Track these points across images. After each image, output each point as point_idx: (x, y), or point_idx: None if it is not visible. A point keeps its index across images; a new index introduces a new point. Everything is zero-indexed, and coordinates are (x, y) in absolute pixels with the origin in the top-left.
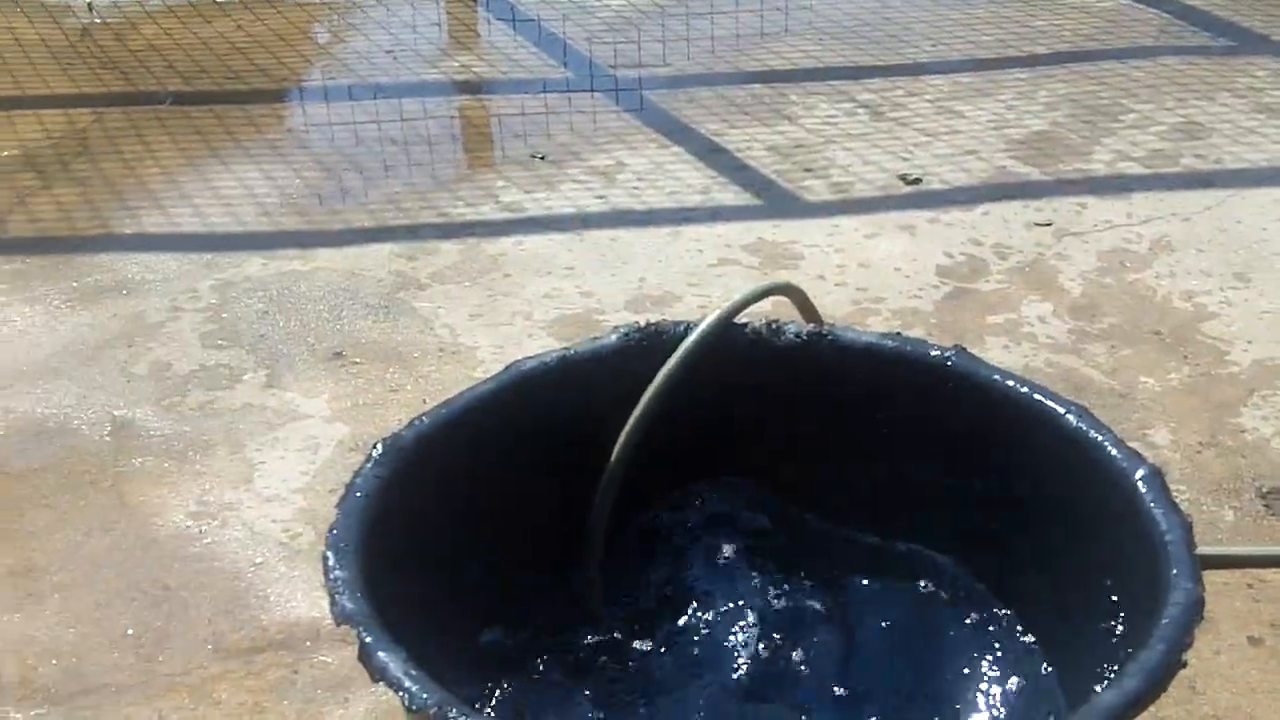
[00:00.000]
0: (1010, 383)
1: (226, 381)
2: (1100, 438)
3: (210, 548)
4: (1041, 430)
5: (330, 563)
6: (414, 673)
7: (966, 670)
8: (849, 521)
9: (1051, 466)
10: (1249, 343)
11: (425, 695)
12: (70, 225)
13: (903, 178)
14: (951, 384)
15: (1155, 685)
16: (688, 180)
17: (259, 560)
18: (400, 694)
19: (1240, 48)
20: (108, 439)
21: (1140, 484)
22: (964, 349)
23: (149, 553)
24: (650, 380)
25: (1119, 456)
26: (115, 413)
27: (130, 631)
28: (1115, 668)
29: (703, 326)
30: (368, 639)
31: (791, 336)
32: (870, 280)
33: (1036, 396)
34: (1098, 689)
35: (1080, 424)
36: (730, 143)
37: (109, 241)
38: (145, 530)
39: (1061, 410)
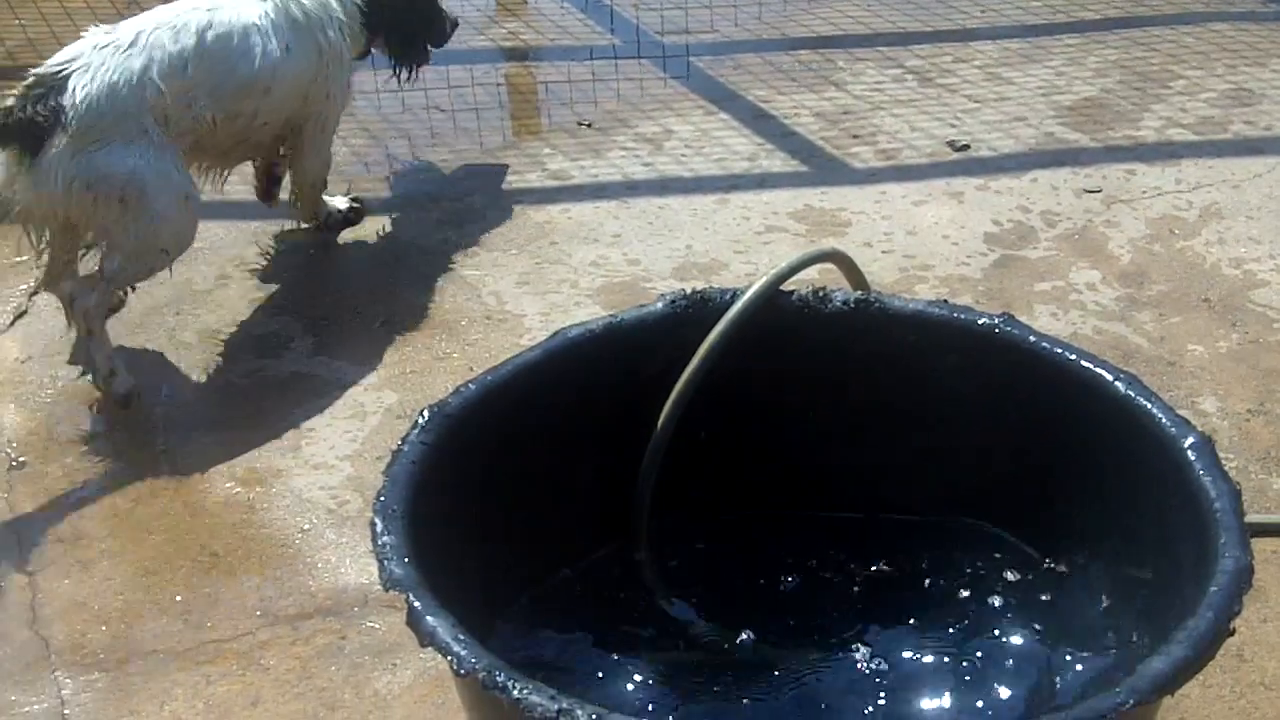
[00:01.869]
0: (1059, 350)
1: (275, 349)
2: (1150, 406)
3: (258, 514)
4: (1091, 398)
5: (379, 528)
6: (462, 637)
7: (1019, 639)
8: (896, 497)
9: (1101, 434)
10: None
11: (474, 660)
12: None
13: (951, 144)
14: (1000, 351)
15: (1203, 652)
16: (735, 147)
17: (307, 527)
18: (449, 658)
19: None
20: (157, 408)
21: (1190, 452)
22: (1012, 316)
23: (197, 519)
24: (697, 346)
25: (1169, 424)
26: (163, 380)
27: (178, 598)
28: (1165, 634)
29: (751, 292)
30: (416, 604)
31: (839, 304)
32: (918, 247)
33: (1086, 364)
34: (1148, 656)
35: (1130, 391)
36: (777, 109)
37: None
38: (194, 497)
39: (1111, 378)
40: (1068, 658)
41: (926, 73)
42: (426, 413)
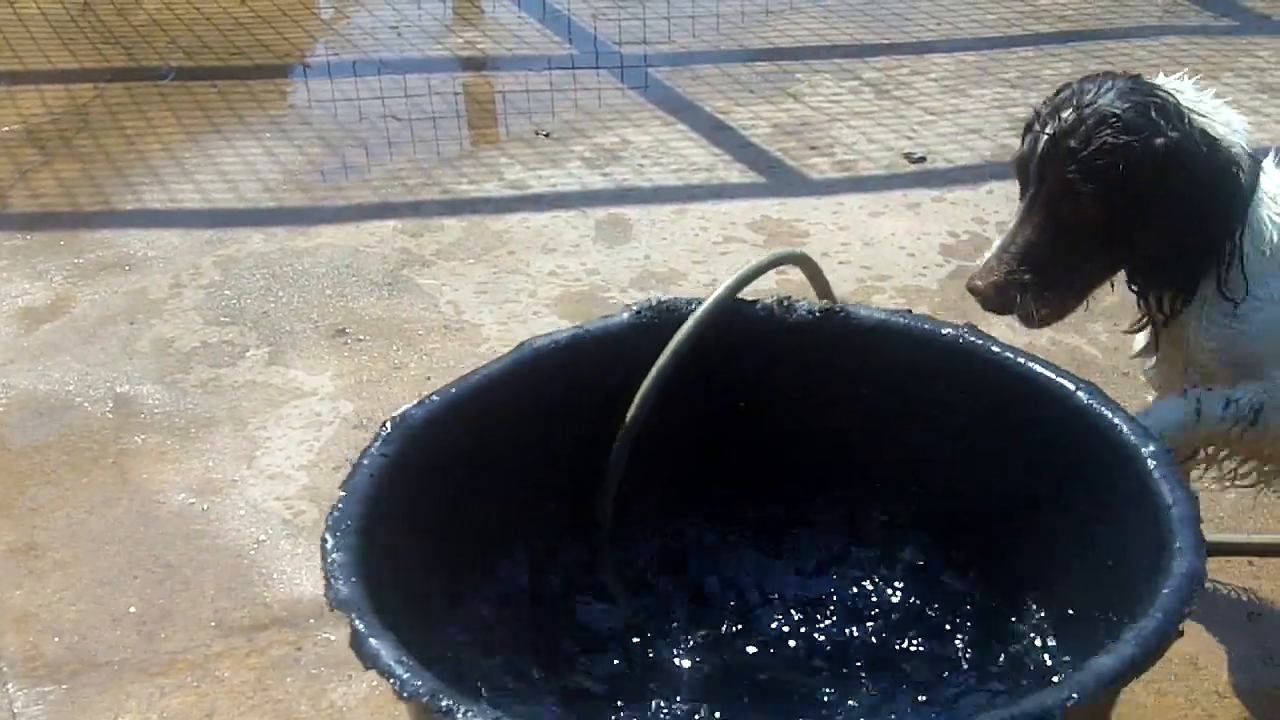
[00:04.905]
0: (1021, 360)
1: (229, 358)
2: (1111, 415)
3: (213, 525)
4: (1053, 406)
5: (328, 545)
6: (405, 660)
7: (968, 638)
8: (857, 503)
9: (1062, 442)
10: None
11: (417, 683)
12: (72, 201)
13: (907, 156)
14: (963, 361)
15: (1150, 652)
16: (692, 158)
17: (262, 538)
18: (391, 681)
19: (1242, 27)
20: (110, 416)
21: (1150, 460)
22: (975, 326)
23: (151, 530)
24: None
25: (1130, 433)
26: (117, 389)
27: (133, 609)
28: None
29: (717, 292)
30: (359, 626)
31: (804, 314)
32: (875, 258)
33: (1048, 373)
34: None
35: (1091, 401)
36: (735, 120)
37: (111, 217)
38: (147, 508)
39: (1072, 387)
40: (1018, 656)
41: (883, 85)
42: (389, 424)
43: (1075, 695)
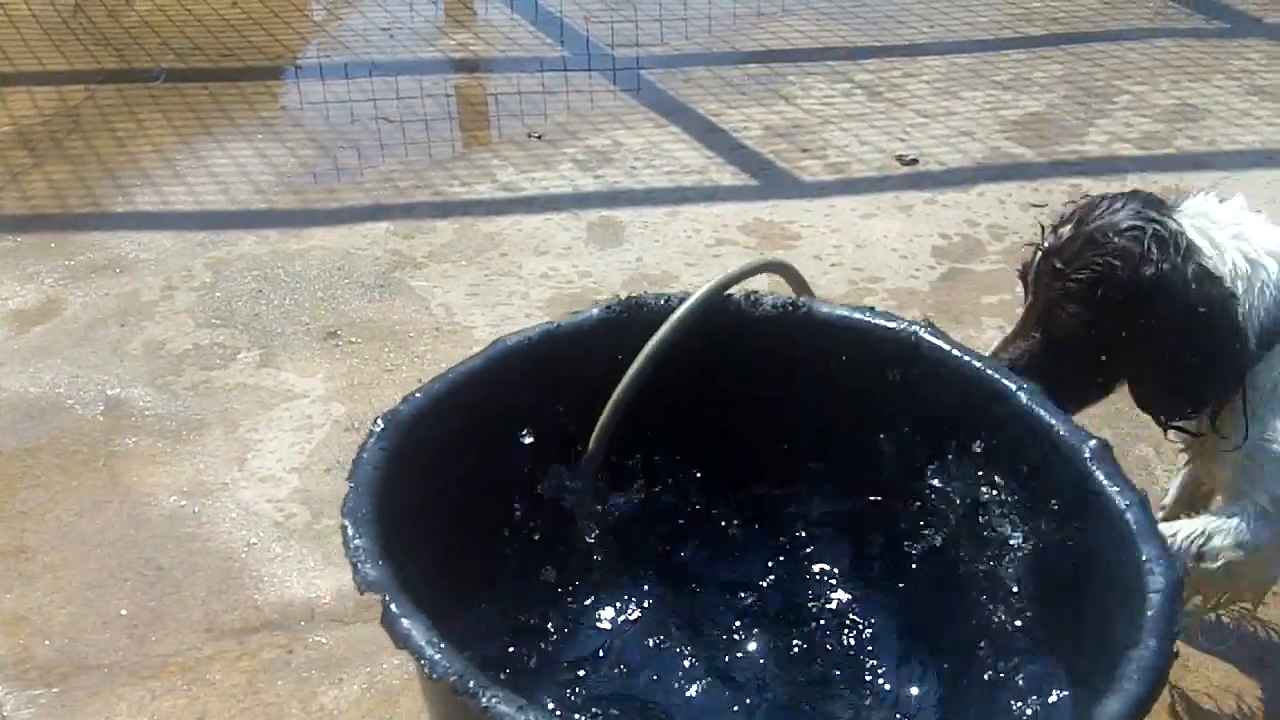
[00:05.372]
0: (968, 358)
1: (221, 361)
2: (1047, 415)
3: (204, 528)
4: (997, 405)
5: (350, 532)
6: (436, 640)
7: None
8: (807, 493)
9: (1007, 439)
10: None
11: (447, 664)
12: (62, 203)
13: (899, 158)
14: (915, 357)
15: (1155, 684)
16: (685, 160)
17: (253, 540)
18: (422, 662)
19: (1234, 30)
20: (101, 419)
21: (1089, 456)
22: (932, 323)
23: (142, 533)
24: (633, 351)
25: (1066, 433)
26: (109, 392)
27: (123, 612)
28: (1094, 645)
29: (698, 295)
30: (393, 606)
31: (768, 308)
32: (867, 260)
33: (990, 372)
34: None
35: (1030, 401)
36: (727, 122)
37: (102, 220)
38: (138, 510)
39: (1014, 387)
40: (981, 661)
41: (875, 87)
42: (380, 421)
43: None
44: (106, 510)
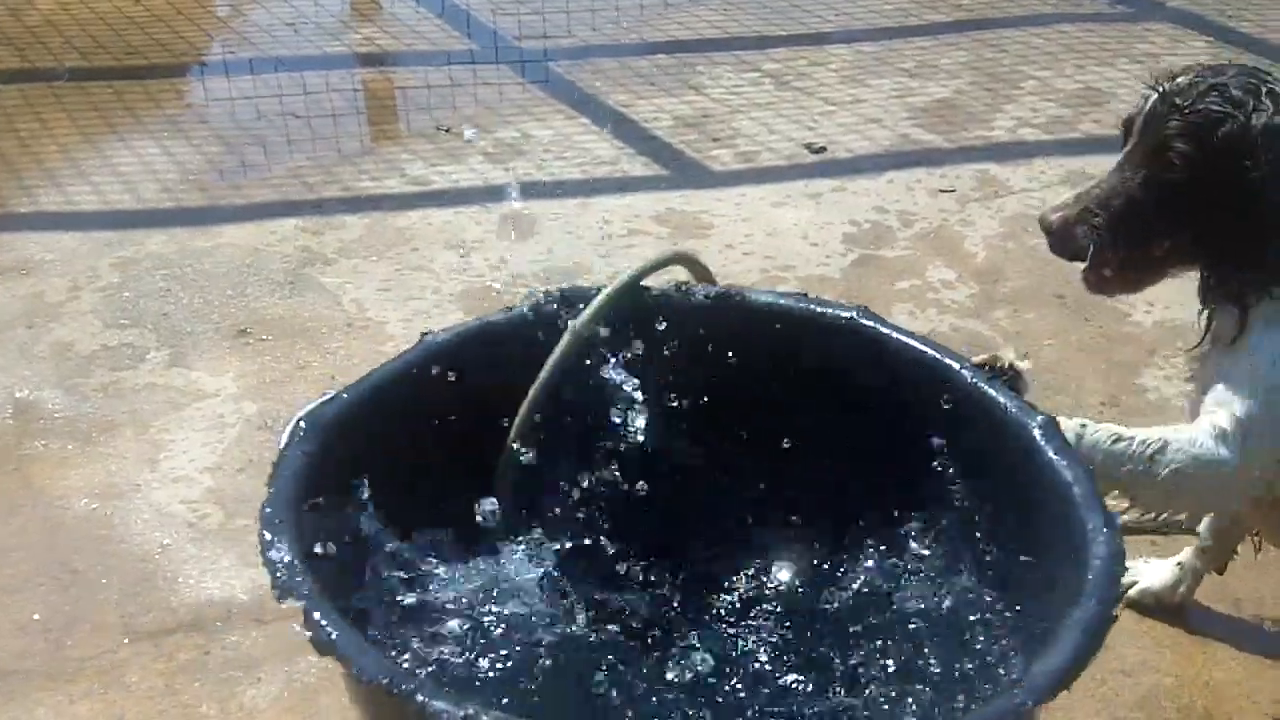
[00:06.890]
0: (910, 340)
1: (130, 361)
2: (994, 393)
3: (118, 530)
4: (941, 387)
5: (268, 538)
6: (364, 645)
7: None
8: (753, 483)
9: (952, 421)
10: (1150, 305)
11: (374, 669)
12: None
13: (808, 146)
14: (854, 342)
15: (1094, 642)
16: (595, 152)
17: (167, 542)
18: (351, 667)
19: (1137, 14)
20: (10, 422)
21: (1037, 432)
22: (868, 309)
23: (55, 536)
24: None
25: (1014, 410)
26: (17, 395)
27: (37, 616)
28: (1040, 617)
29: (608, 291)
30: (315, 614)
31: (701, 298)
32: (778, 248)
33: (933, 353)
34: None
35: (975, 380)
36: (637, 113)
37: (5, 221)
38: (51, 514)
39: (958, 366)
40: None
41: (783, 76)
42: (303, 422)
43: (1029, 701)
44: (19, 514)
